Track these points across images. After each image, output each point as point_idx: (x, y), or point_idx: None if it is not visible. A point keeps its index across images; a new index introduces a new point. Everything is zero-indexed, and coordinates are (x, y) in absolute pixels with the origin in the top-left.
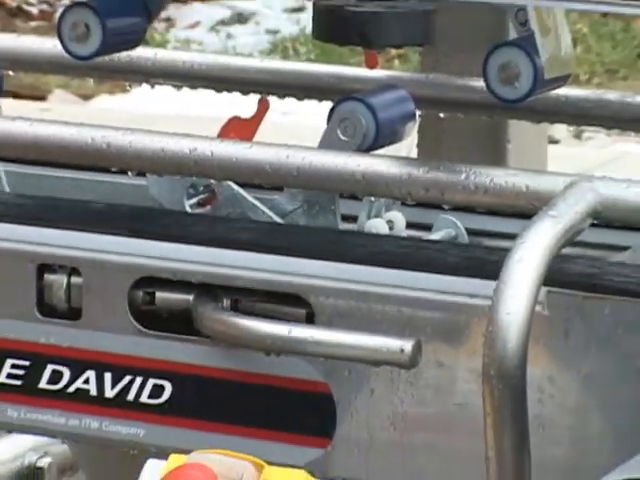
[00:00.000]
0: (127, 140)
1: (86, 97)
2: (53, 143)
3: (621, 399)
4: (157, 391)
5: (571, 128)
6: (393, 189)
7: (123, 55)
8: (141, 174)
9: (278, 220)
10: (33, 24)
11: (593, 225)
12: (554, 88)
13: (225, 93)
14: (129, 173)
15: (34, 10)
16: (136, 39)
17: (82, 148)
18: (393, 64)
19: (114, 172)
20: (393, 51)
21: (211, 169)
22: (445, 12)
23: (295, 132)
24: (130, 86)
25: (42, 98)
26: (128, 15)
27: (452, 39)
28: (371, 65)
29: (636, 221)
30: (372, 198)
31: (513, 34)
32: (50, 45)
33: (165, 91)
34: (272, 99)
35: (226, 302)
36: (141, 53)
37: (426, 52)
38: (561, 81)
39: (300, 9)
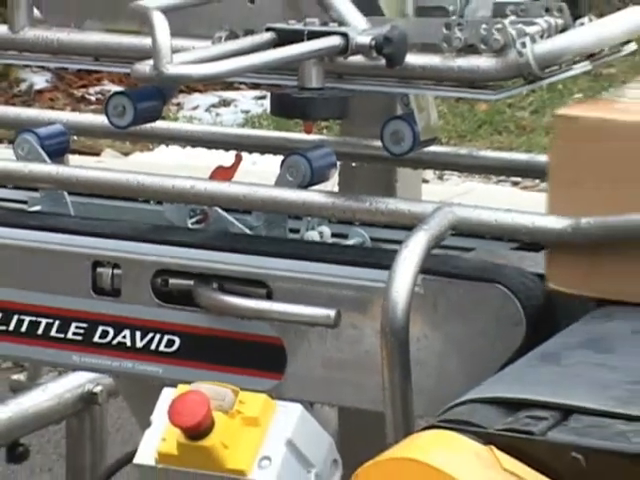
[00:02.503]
0: (150, 180)
1: (126, 154)
2: (103, 183)
3: (470, 348)
4: (170, 343)
5: (436, 172)
6: (322, 212)
7: (147, 126)
8: (159, 203)
9: (248, 232)
10: (92, 107)
11: (452, 235)
12: (426, 146)
13: (214, 150)
14: (151, 202)
15: (92, 98)
16: (156, 115)
17: (121, 186)
18: (322, 132)
19: (141, 201)
20: (322, 123)
21: (204, 199)
22: (355, 97)
23: (260, 175)
24: (153, 146)
25: (97, 154)
26: (150, 100)
27: (360, 114)
28: (308, 132)
29: (479, 232)
30: (309, 218)
31: (400, 110)
32: (101, 119)
33: (175, 149)
34: (245, 154)
35: (215, 285)
36: (160, 124)
37: (343, 123)
38: (430, 142)
39: (264, 97)
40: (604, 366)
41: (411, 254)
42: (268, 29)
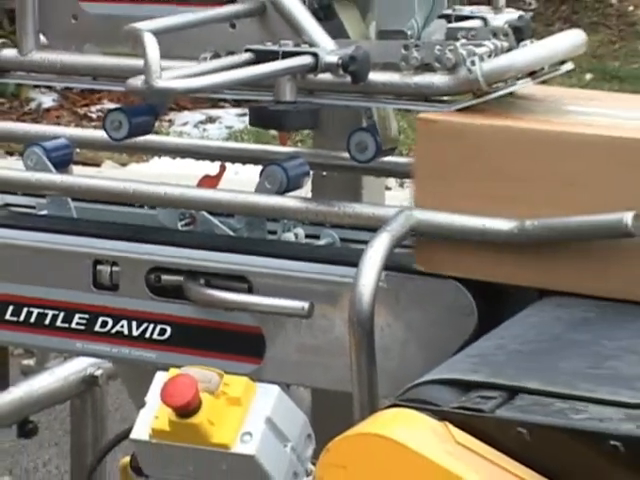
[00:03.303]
0: (144, 188)
1: (123, 164)
2: (103, 190)
3: (427, 336)
4: (162, 332)
5: (397, 180)
6: (297, 215)
7: (142, 140)
8: (152, 207)
9: (231, 233)
10: (93, 123)
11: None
12: (387, 155)
13: (201, 161)
14: (145, 207)
15: (94, 115)
16: (149, 129)
17: (119, 192)
18: (297, 144)
19: (137, 206)
20: (297, 137)
21: (193, 204)
22: (325, 111)
23: (242, 183)
24: (147, 158)
25: (97, 165)
26: (143, 115)
27: (329, 126)
28: (282, 141)
29: (435, 233)
30: (285, 220)
31: (364, 123)
32: (101, 134)
33: (167, 160)
34: (228, 164)
35: (202, 281)
36: (154, 139)
37: (315, 137)
38: (391, 151)
39: (245, 114)
40: (546, 351)
41: (375, 253)
42: (247, 50)
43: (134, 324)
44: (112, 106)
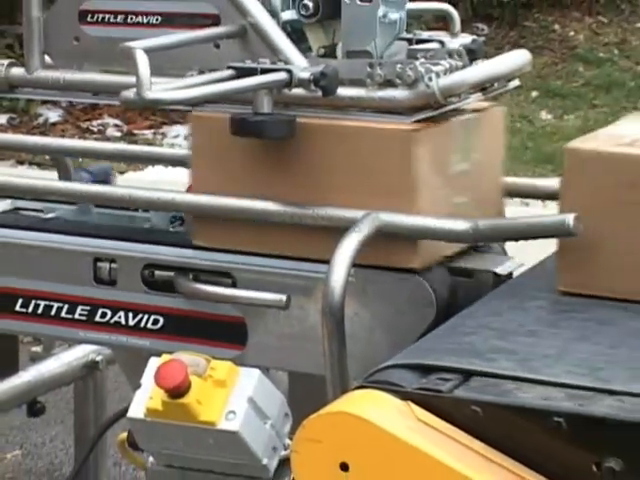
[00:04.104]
0: (140, 193)
1: (121, 172)
2: (103, 195)
3: (392, 324)
4: (155, 322)
5: None
6: (276, 217)
7: (138, 150)
8: (146, 211)
9: None
10: (94, 136)
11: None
12: None
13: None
14: (139, 210)
15: (95, 129)
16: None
17: (117, 198)
18: None
19: (133, 210)
20: None
21: (182, 208)
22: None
23: None
24: (142, 166)
25: None
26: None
27: None
28: None
29: (404, 234)
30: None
31: None
32: (101, 145)
33: (160, 169)
34: None
35: (191, 276)
36: (148, 149)
37: None
38: None
39: None
40: (498, 337)
41: (345, 251)
42: (229, 67)
43: (130, 315)
44: (112, 121)
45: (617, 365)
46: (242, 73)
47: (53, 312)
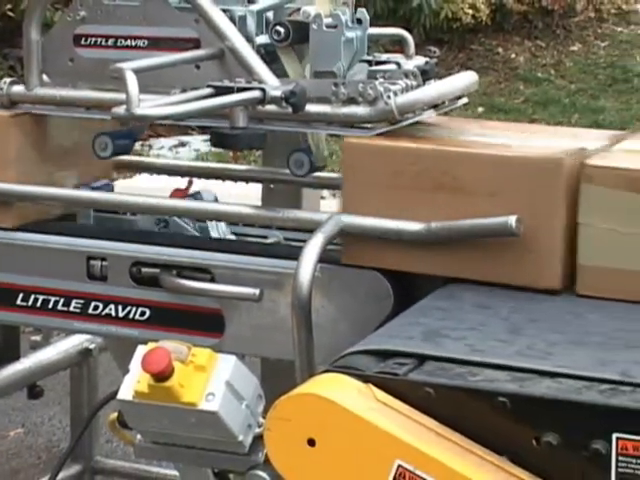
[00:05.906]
0: (129, 198)
1: (112, 180)
2: (95, 201)
3: (354, 315)
4: (142, 313)
5: (330, 191)
6: (250, 219)
7: (127, 160)
8: (134, 214)
9: (197, 235)
10: None
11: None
12: (319, 170)
13: (173, 177)
14: (127, 214)
15: None
16: (128, 150)
17: (107, 202)
18: (250, 163)
19: (122, 213)
20: (251, 158)
21: (166, 211)
22: (270, 134)
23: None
24: (131, 174)
25: None
26: (125, 139)
27: (274, 147)
28: (235, 159)
29: (358, 233)
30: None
31: (302, 144)
32: None
33: (146, 176)
34: (195, 179)
35: (175, 272)
36: (136, 159)
37: (263, 156)
38: (322, 167)
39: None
40: (449, 327)
41: (312, 249)
42: (208, 85)
43: (120, 308)
44: None
45: (560, 347)
46: (220, 91)
47: (50, 305)
